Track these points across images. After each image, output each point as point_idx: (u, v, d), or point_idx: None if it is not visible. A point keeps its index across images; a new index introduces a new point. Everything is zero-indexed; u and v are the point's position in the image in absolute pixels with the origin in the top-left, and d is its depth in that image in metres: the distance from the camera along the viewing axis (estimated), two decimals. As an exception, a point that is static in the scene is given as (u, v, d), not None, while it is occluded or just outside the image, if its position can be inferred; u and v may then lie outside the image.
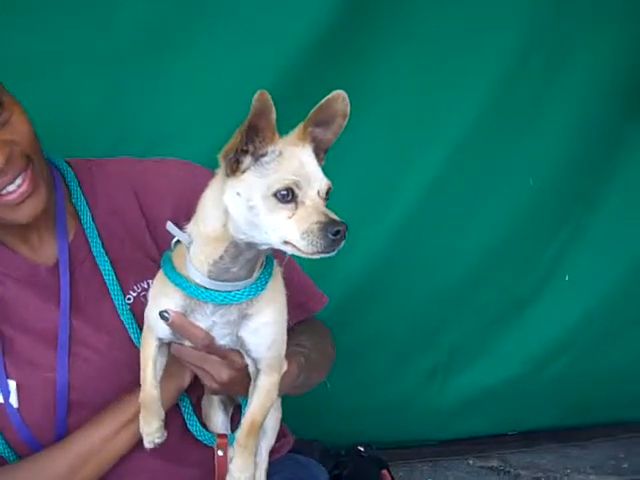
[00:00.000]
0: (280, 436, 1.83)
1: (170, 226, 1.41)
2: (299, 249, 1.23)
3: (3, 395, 1.58)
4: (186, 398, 1.68)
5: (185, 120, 2.28)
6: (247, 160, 1.25)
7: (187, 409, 1.68)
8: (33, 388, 1.60)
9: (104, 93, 2.21)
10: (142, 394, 1.50)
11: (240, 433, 1.48)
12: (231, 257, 1.33)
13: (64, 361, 1.61)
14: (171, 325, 1.40)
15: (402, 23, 2.46)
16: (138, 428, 1.54)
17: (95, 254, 1.66)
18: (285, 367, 1.51)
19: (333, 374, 1.93)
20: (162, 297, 1.42)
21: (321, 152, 1.32)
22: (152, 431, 1.51)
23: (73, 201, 1.70)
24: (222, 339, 1.42)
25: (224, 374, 1.47)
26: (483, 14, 2.51)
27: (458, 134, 2.61)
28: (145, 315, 1.49)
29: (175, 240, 1.46)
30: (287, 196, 1.23)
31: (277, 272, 1.46)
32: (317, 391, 1.90)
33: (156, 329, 1.46)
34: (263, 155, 1.25)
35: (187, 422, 1.68)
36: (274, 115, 1.22)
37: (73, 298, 1.65)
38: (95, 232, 1.68)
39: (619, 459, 3.10)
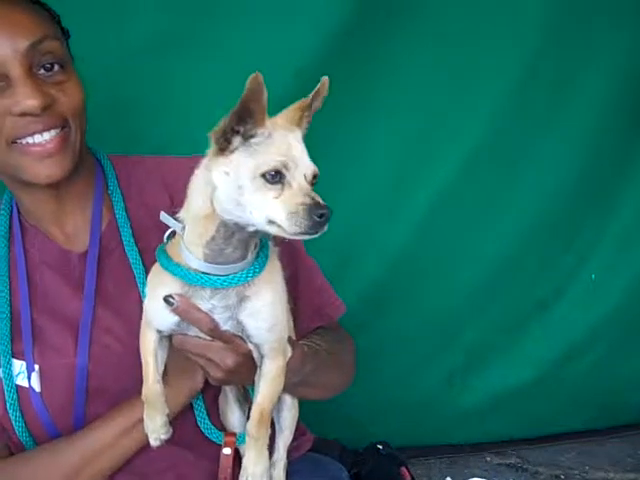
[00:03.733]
0: (299, 435, 1.84)
1: (164, 216, 1.42)
2: (284, 229, 1.25)
3: (28, 379, 1.62)
4: (199, 395, 1.68)
5: (195, 123, 2.29)
6: (237, 140, 1.27)
7: (199, 407, 1.69)
8: (55, 373, 1.63)
9: (114, 96, 2.21)
10: (145, 389, 1.49)
11: (250, 423, 1.47)
12: (223, 237, 1.34)
13: (85, 347, 1.63)
14: (177, 310, 1.40)
15: (414, 33, 2.46)
16: None
17: (125, 244, 1.69)
18: (290, 352, 1.51)
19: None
20: (160, 287, 1.42)
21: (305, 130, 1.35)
22: (157, 427, 1.50)
23: (109, 192, 1.75)
24: (224, 324, 1.42)
25: (229, 360, 1.47)
26: (494, 26, 2.50)
27: (475, 140, 2.62)
28: (144, 309, 1.49)
29: (167, 234, 1.47)
30: (275, 177, 1.25)
31: (273, 254, 1.47)
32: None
33: (156, 321, 1.46)
34: (252, 136, 1.27)
35: (197, 419, 1.68)
36: (266, 97, 1.23)
37: (100, 286, 1.68)
38: (127, 223, 1.71)
39: (637, 456, 3.09)
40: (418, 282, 2.78)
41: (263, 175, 1.25)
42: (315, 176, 1.29)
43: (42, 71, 1.56)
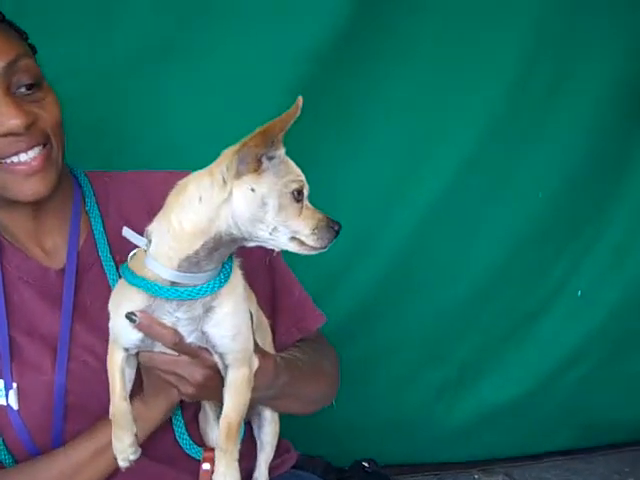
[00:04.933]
0: (283, 452, 1.83)
1: (127, 231, 1.42)
2: (308, 244, 1.33)
3: (5, 397, 1.60)
4: (178, 410, 1.67)
5: (188, 132, 2.28)
6: (265, 161, 1.32)
7: (178, 422, 1.67)
8: (33, 391, 1.62)
9: (105, 106, 2.21)
10: (112, 408, 1.47)
11: (219, 436, 1.46)
12: (207, 252, 1.34)
13: (63, 364, 1.62)
14: (139, 326, 1.39)
15: (409, 39, 2.47)
16: None
17: (102, 259, 1.69)
18: (256, 363, 1.49)
19: (340, 389, 1.92)
20: (124, 302, 1.42)
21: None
22: (124, 447, 1.48)
23: (87, 209, 1.75)
24: (189, 337, 1.41)
25: (198, 374, 1.46)
26: (489, 29, 2.50)
27: (465, 149, 2.61)
28: (110, 327, 1.47)
29: (132, 254, 1.46)
30: (298, 196, 1.32)
31: (235, 264, 1.47)
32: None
33: (122, 339, 1.45)
34: (272, 158, 1.32)
35: (176, 435, 1.67)
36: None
37: (78, 303, 1.67)
38: (104, 238, 1.71)
39: (624, 473, 3.08)
40: (406, 296, 2.77)
41: (292, 193, 1.32)
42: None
43: (22, 90, 1.56)
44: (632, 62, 2.65)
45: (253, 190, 1.31)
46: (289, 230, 1.32)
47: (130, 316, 1.39)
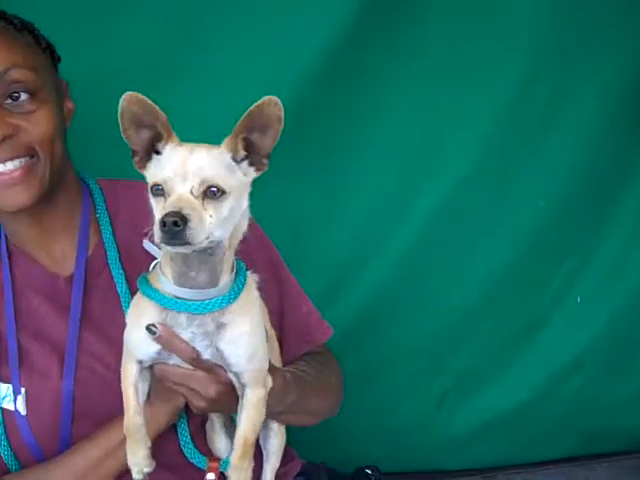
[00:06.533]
0: (288, 460, 1.84)
1: (147, 244, 1.44)
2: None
3: (14, 402, 1.61)
4: (182, 419, 1.67)
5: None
6: (155, 157, 1.34)
7: (183, 431, 1.68)
8: (41, 397, 1.63)
9: (106, 116, 2.22)
10: (125, 422, 1.47)
11: (233, 455, 1.46)
12: (180, 259, 1.34)
13: (71, 371, 1.63)
14: (159, 339, 1.40)
15: (412, 49, 2.45)
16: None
17: (111, 267, 1.70)
18: (270, 383, 1.50)
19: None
20: (139, 316, 1.43)
21: (262, 158, 1.36)
22: (139, 460, 1.48)
23: (97, 216, 1.76)
24: (205, 352, 1.42)
25: (211, 389, 1.47)
26: (490, 41, 2.49)
27: (466, 160, 2.59)
28: (125, 339, 1.48)
29: (154, 264, 1.48)
30: (160, 190, 1.29)
31: (250, 283, 1.47)
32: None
33: (137, 351, 1.45)
34: (159, 153, 1.33)
35: (181, 443, 1.68)
36: (159, 115, 1.31)
37: (86, 310, 1.68)
38: (114, 245, 1.72)
39: (628, 482, 3.08)
40: (407, 306, 2.76)
41: (151, 188, 1.32)
42: (209, 186, 1.28)
43: (9, 100, 1.56)
44: (632, 76, 2.64)
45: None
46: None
47: (150, 328, 1.39)
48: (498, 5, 2.50)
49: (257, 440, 1.68)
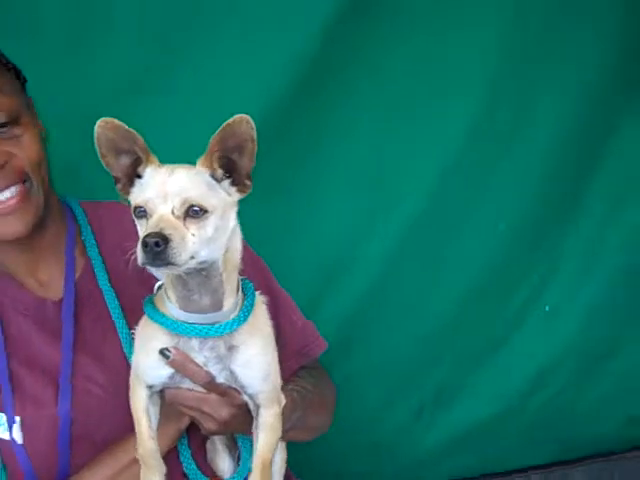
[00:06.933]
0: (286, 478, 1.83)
1: (150, 268, 1.41)
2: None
3: (9, 431, 1.58)
4: (183, 439, 1.65)
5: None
6: (137, 181, 1.33)
7: (185, 452, 1.66)
8: (37, 424, 1.60)
9: (83, 141, 2.19)
10: (140, 449, 1.46)
11: (253, 476, 1.45)
12: (180, 282, 1.33)
13: (67, 396, 1.60)
14: (172, 363, 1.38)
15: (382, 55, 2.47)
16: (138, 470, 1.51)
17: (102, 287, 1.67)
18: (284, 400, 1.50)
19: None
20: (149, 341, 1.41)
21: (243, 177, 1.35)
22: None
23: (82, 238, 1.73)
24: (219, 376, 1.41)
25: (224, 412, 1.46)
26: (459, 47, 2.51)
27: (434, 175, 2.62)
28: (133, 365, 1.46)
29: (158, 285, 1.46)
30: (142, 212, 1.29)
31: (259, 303, 1.47)
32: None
33: (147, 376, 1.44)
34: (141, 176, 1.33)
35: (183, 464, 1.65)
36: (136, 139, 1.31)
37: (78, 333, 1.65)
38: (102, 266, 1.70)
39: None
40: (382, 322, 2.77)
41: (134, 210, 1.31)
42: (191, 205, 1.28)
43: None
44: (595, 91, 2.70)
45: None
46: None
47: (164, 352, 1.38)
48: (464, 22, 2.53)
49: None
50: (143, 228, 1.28)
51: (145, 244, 1.21)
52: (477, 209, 2.75)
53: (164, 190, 1.28)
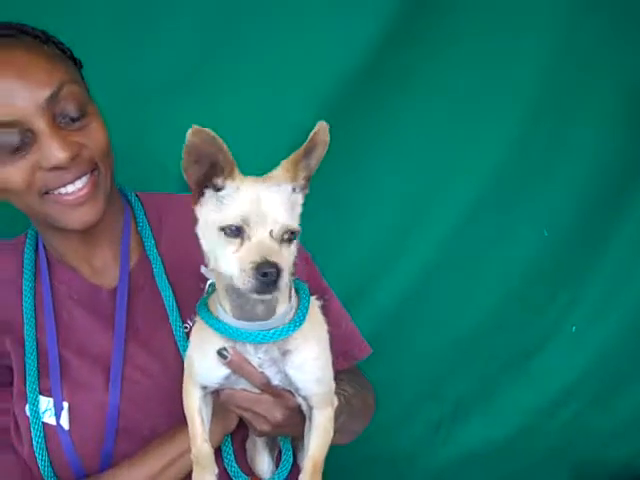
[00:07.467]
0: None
1: (204, 269, 1.40)
2: (238, 286, 1.24)
3: (56, 417, 1.58)
4: (227, 437, 1.65)
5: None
6: (209, 192, 1.29)
7: (227, 450, 1.66)
8: (85, 411, 1.59)
9: (129, 131, 2.20)
10: (194, 450, 1.46)
11: (304, 475, 1.45)
12: (236, 291, 1.30)
13: (117, 384, 1.60)
14: (230, 364, 1.38)
15: (419, 89, 2.48)
16: (183, 465, 1.54)
17: (157, 279, 1.68)
18: (336, 402, 1.50)
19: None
20: (205, 343, 1.41)
21: (304, 180, 1.34)
22: None
23: (139, 229, 1.73)
24: (274, 378, 1.42)
25: (278, 414, 1.46)
26: (494, 79, 2.53)
27: (474, 188, 2.63)
28: (187, 365, 1.46)
29: (209, 284, 1.46)
30: (235, 231, 1.25)
31: (314, 306, 1.47)
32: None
33: (203, 377, 1.44)
34: (221, 189, 1.28)
35: (225, 463, 1.65)
36: (226, 150, 1.25)
37: (130, 323, 1.65)
38: (158, 258, 1.70)
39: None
40: (405, 334, 2.77)
41: (223, 229, 1.25)
42: (288, 231, 1.27)
43: (67, 119, 1.51)
44: (634, 111, 2.75)
45: (205, 223, 1.31)
46: (224, 266, 1.26)
47: (222, 352, 1.38)
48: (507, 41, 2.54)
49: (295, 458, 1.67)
50: (233, 248, 1.25)
51: (264, 274, 1.20)
52: (517, 222, 2.75)
53: (260, 210, 1.25)
